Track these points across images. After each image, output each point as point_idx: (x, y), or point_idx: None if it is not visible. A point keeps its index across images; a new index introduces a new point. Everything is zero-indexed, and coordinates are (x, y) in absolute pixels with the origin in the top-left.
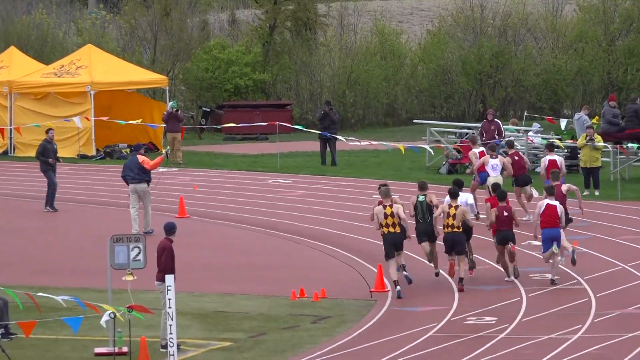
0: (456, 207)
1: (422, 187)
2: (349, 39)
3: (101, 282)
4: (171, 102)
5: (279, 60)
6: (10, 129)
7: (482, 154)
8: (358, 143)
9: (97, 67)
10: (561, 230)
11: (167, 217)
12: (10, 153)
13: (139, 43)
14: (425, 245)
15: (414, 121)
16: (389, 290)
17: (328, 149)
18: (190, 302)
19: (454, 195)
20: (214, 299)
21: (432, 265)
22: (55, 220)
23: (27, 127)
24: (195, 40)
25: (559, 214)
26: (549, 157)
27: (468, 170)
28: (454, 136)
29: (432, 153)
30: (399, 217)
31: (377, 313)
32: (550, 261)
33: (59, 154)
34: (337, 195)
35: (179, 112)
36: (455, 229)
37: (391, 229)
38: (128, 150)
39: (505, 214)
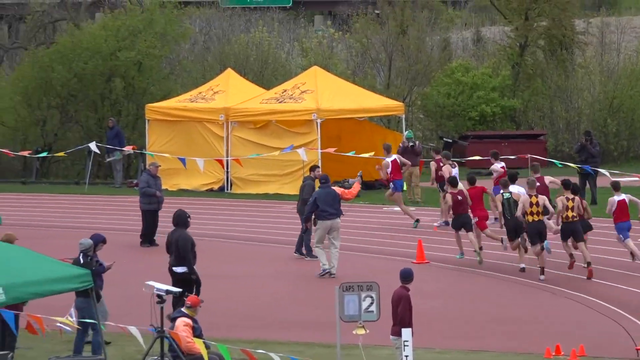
0: (573, 199)
1: (505, 185)
2: (611, 60)
3: (329, 336)
4: (407, 132)
5: (530, 84)
6: (227, 163)
7: (394, 162)
8: (622, 179)
9: (324, 92)
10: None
11: (404, 262)
12: (227, 189)
13: (371, 65)
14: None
15: None
16: None
17: (587, 185)
18: (429, 359)
19: (568, 186)
20: (457, 356)
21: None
22: (284, 265)
23: (246, 161)
24: (435, 61)
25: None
26: (498, 164)
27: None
28: None
29: None
30: (544, 207)
31: None
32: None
33: (284, 190)
34: (597, 238)
35: (417, 143)
36: (576, 219)
37: (535, 217)
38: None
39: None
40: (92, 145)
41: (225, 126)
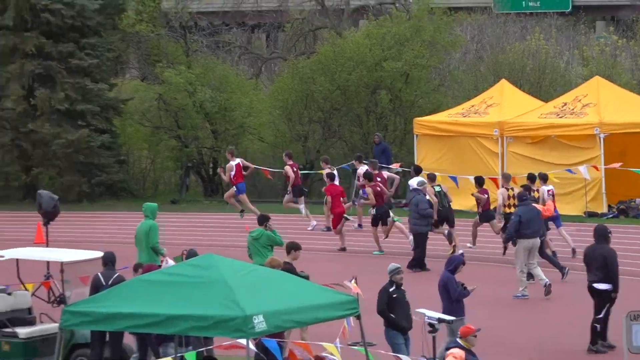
0: (537, 190)
1: (433, 179)
2: None
3: None
4: None
5: None
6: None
7: (238, 166)
8: None
9: (606, 104)
10: None
11: None
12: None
13: None
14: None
15: None
16: None
17: None
18: None
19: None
20: None
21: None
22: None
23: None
24: None
25: None
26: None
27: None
28: None
29: None
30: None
31: None
32: None
33: (565, 211)
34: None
35: None
36: None
37: (513, 209)
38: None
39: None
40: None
41: (500, 142)
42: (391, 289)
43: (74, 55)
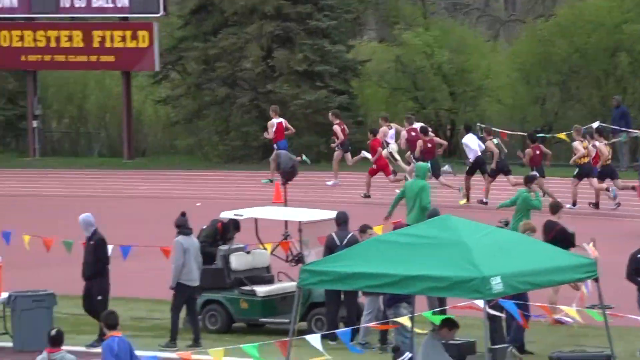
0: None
1: (490, 133)
2: None
3: None
4: None
5: None
6: None
7: (279, 125)
8: None
9: None
10: None
11: None
12: None
13: None
14: None
15: None
16: None
17: None
18: None
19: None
20: None
21: None
22: None
23: None
24: None
25: None
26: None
27: None
28: None
29: None
30: None
31: None
32: None
33: None
34: None
35: None
36: None
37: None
38: None
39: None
40: (595, 125)
41: None
42: None
43: (313, 17)
